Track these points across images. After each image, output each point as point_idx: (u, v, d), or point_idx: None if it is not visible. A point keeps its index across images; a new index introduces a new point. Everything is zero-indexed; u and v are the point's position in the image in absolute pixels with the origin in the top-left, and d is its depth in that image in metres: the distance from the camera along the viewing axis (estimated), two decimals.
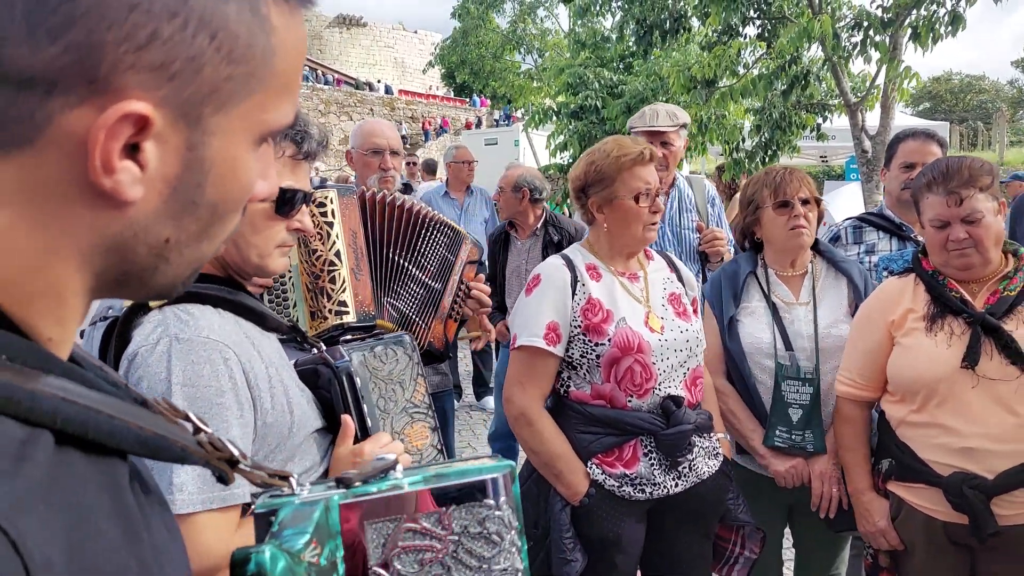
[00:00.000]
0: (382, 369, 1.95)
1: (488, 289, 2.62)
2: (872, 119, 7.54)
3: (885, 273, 2.63)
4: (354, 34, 52.95)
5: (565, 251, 2.37)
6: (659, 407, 2.17)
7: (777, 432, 2.47)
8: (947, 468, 2.06)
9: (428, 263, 2.40)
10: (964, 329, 2.07)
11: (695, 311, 2.40)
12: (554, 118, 11.21)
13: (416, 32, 56.06)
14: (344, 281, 2.09)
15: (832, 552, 2.69)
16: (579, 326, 2.19)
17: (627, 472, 2.15)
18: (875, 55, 6.72)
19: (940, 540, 2.13)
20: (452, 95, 40.91)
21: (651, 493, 2.16)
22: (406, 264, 2.34)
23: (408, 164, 8.65)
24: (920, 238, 2.81)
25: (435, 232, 2.41)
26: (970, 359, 2.02)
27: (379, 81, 44.52)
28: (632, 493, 2.15)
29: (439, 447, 1.95)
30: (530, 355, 2.20)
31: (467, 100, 39.82)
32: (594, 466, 2.16)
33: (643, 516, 2.23)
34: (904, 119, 11.33)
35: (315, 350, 1.68)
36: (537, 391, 2.21)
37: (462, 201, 6.73)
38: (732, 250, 3.35)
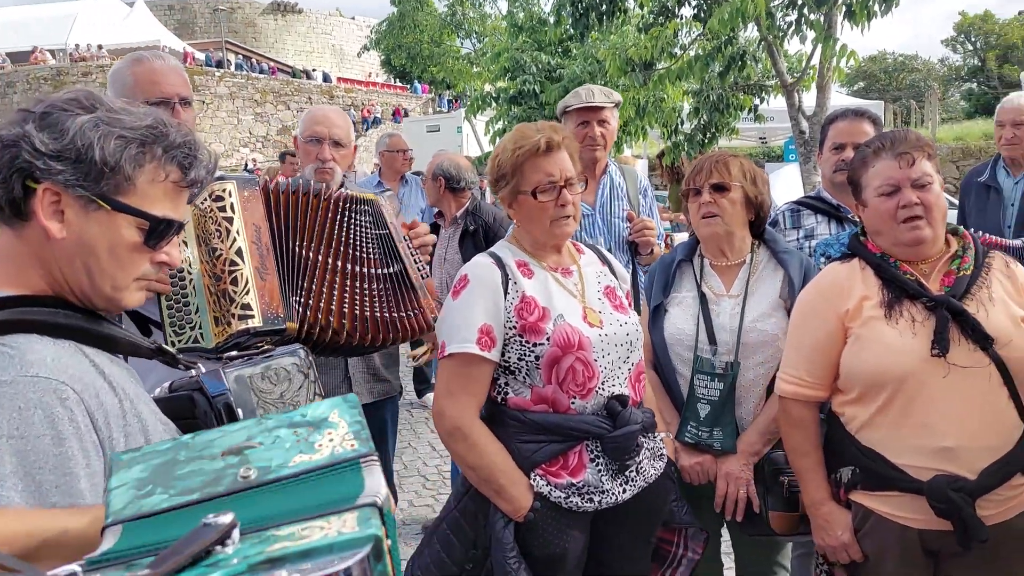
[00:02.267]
0: (272, 392, 1.75)
1: (425, 226, 2.52)
2: (809, 99, 7.53)
3: (823, 260, 2.54)
4: (290, 21, 51.91)
5: (493, 248, 2.24)
6: (604, 408, 2.04)
7: (688, 428, 2.38)
8: (925, 472, 1.90)
9: (371, 253, 2.23)
10: (925, 315, 1.93)
11: (630, 304, 2.30)
12: (493, 104, 11.02)
13: (354, 19, 55.22)
14: (248, 282, 1.92)
15: (771, 551, 2.61)
16: (514, 327, 2.05)
17: (574, 481, 2.01)
18: (810, 34, 6.68)
19: (915, 550, 1.98)
20: (393, 82, 40.32)
21: (599, 502, 2.03)
22: (351, 266, 2.17)
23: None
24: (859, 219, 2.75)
25: (355, 215, 2.22)
26: (940, 346, 1.88)
27: (315, 69, 43.65)
28: (580, 504, 2.02)
29: None
30: (462, 363, 2.04)
31: (408, 87, 39.31)
32: (538, 477, 2.02)
33: (587, 527, 2.11)
34: (840, 99, 11.42)
35: (192, 372, 1.48)
36: (471, 401, 2.06)
37: (397, 192, 6.55)
38: (660, 244, 3.30)
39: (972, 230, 2.19)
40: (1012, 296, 1.98)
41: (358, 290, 2.18)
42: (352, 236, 2.22)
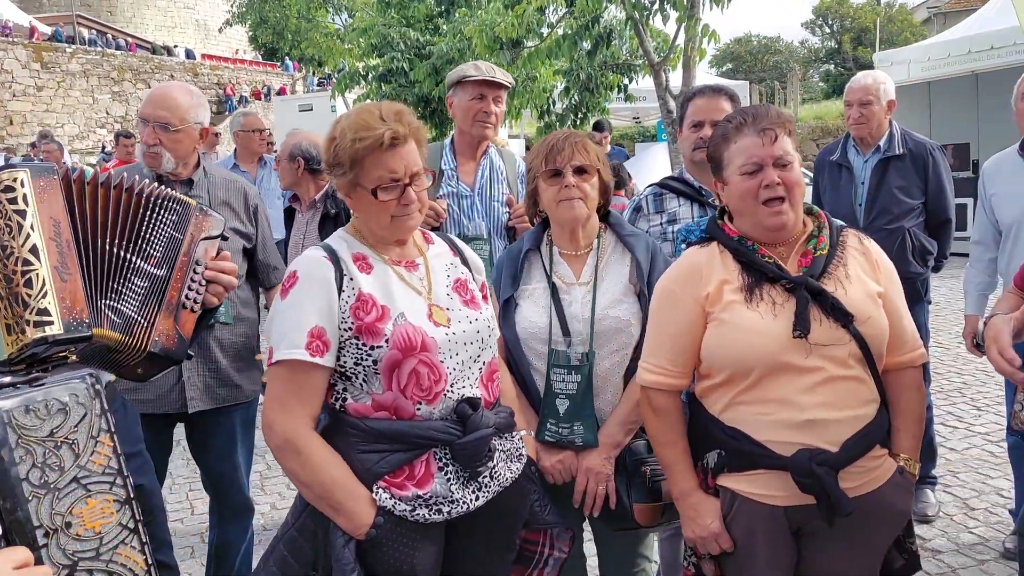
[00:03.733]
0: (39, 428, 1.49)
1: (232, 267, 2.24)
2: (676, 79, 7.58)
3: (683, 245, 2.46)
4: None
5: (328, 240, 2.03)
6: (453, 412, 1.90)
7: (547, 425, 2.28)
8: (788, 447, 1.89)
9: (153, 249, 2.03)
10: (785, 297, 1.92)
11: (485, 297, 2.14)
12: (362, 81, 10.62)
13: None
14: (44, 283, 1.71)
15: (633, 546, 2.54)
16: (350, 328, 1.87)
17: (420, 492, 1.86)
18: (673, 13, 6.69)
19: (781, 528, 1.96)
20: (261, 59, 38.69)
21: (449, 512, 1.89)
22: (129, 255, 1.96)
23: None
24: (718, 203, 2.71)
25: (160, 211, 2.04)
26: (802, 327, 1.87)
27: (176, 46, 41.28)
28: (428, 515, 1.87)
29: (132, 525, 1.49)
30: (292, 370, 1.85)
31: (278, 64, 37.81)
32: (380, 490, 1.85)
33: (439, 537, 1.94)
34: (708, 79, 11.66)
35: None
36: (303, 412, 1.86)
37: (255, 174, 6.20)
38: None
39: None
40: (868, 272, 2.00)
41: (122, 277, 1.95)
42: (149, 229, 2.00)
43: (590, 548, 2.65)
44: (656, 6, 6.58)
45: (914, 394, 2.07)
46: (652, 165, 7.78)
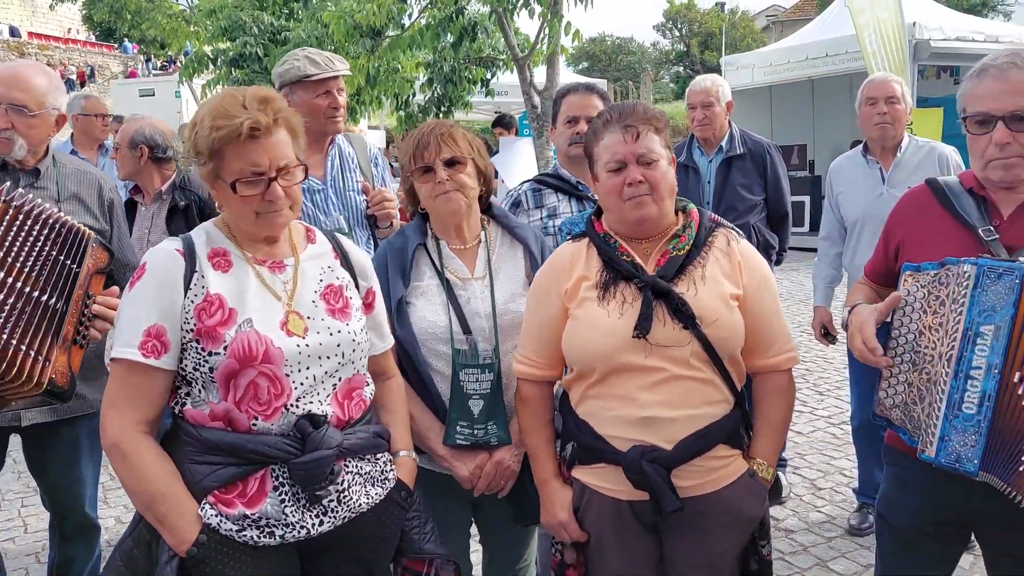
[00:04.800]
0: None
1: (115, 302, 2.17)
2: (540, 75, 7.63)
3: (568, 238, 2.44)
4: None
5: (194, 230, 1.88)
6: (294, 429, 1.77)
7: (458, 428, 2.20)
8: (626, 442, 1.93)
9: (30, 269, 1.93)
10: (636, 295, 1.94)
11: (369, 306, 2.02)
12: (211, 66, 10.06)
13: None
14: None
15: (520, 544, 2.54)
16: (192, 330, 1.74)
17: (248, 512, 1.74)
18: (538, 9, 6.71)
19: (629, 523, 1.98)
20: (96, 39, 36.05)
21: (283, 536, 1.76)
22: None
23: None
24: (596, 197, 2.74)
25: (37, 225, 1.93)
26: (641, 328, 1.89)
27: None
28: (257, 538, 1.74)
29: None
30: (126, 370, 1.74)
31: (116, 45, 35.38)
32: (208, 506, 1.73)
33: (290, 563, 1.82)
34: (568, 76, 11.82)
35: None
36: (134, 416, 1.74)
37: (95, 161, 5.75)
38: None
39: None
40: (727, 274, 2.01)
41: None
42: (17, 241, 1.90)
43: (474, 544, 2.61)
44: (520, 2, 6.58)
45: (778, 399, 2.09)
46: (517, 160, 7.80)
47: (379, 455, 1.93)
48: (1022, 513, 1.81)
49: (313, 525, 1.79)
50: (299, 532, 1.77)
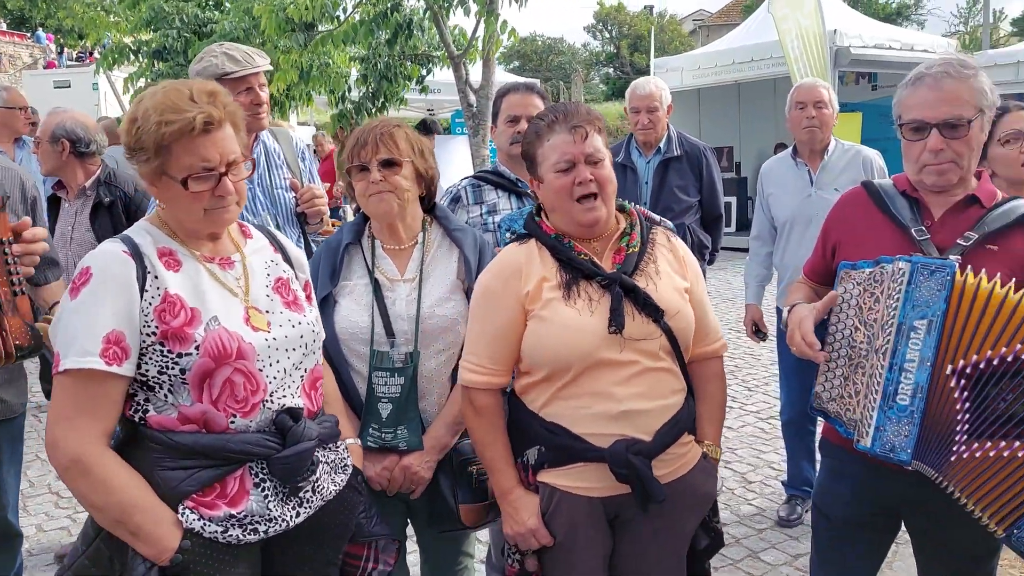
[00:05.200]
0: None
1: (32, 227, 2.14)
2: (476, 73, 7.61)
3: (508, 235, 2.49)
4: None
5: (129, 231, 1.80)
6: (272, 424, 1.77)
7: (370, 430, 2.21)
8: (606, 438, 1.95)
9: None
10: (601, 293, 1.97)
11: (309, 298, 2.00)
12: (132, 57, 9.71)
13: None
14: None
15: (455, 546, 2.53)
16: (153, 333, 1.68)
17: (233, 512, 1.72)
18: (474, 7, 6.69)
19: (600, 521, 2.01)
20: (6, 27, 34.38)
21: (266, 531, 1.75)
22: None
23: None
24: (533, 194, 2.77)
25: None
26: (616, 323, 1.92)
27: None
28: (241, 536, 1.72)
29: None
30: (84, 380, 1.64)
31: (29, 35, 33.83)
32: (188, 511, 1.69)
33: (255, 558, 1.80)
34: (502, 75, 11.84)
35: None
36: (95, 427, 1.65)
37: (13, 155, 5.51)
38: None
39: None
40: (675, 269, 2.09)
41: None
42: None
43: (411, 545, 2.60)
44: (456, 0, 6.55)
45: (717, 383, 2.19)
46: (452, 158, 7.77)
47: (339, 443, 1.95)
48: (949, 501, 1.90)
49: (291, 517, 1.79)
50: (280, 526, 1.77)
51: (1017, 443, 1.79)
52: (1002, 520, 1.83)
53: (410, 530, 2.51)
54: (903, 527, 2.23)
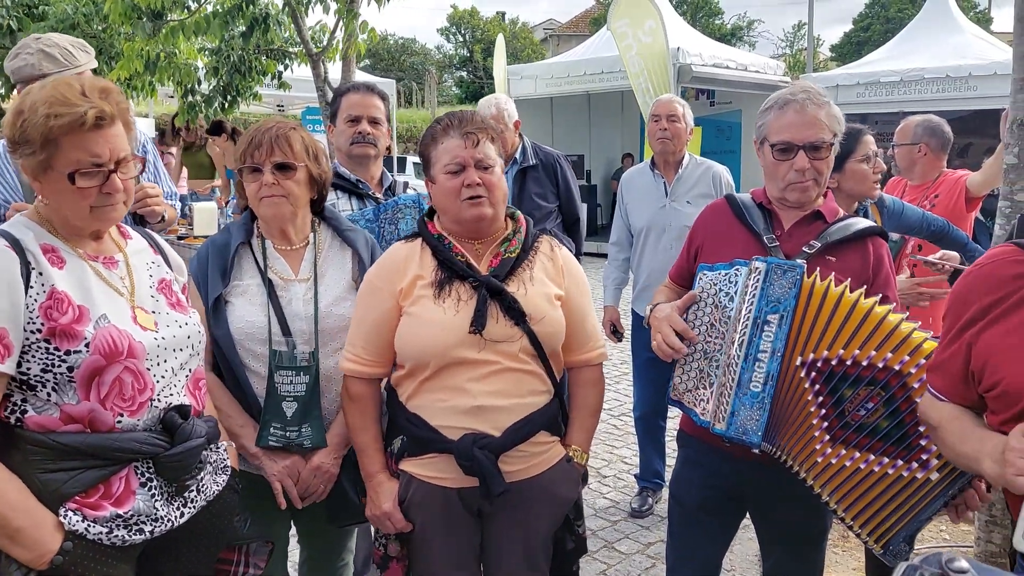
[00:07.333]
0: None
1: None
2: (335, 71, 7.50)
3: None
4: None
5: (6, 226, 1.75)
6: (159, 422, 1.77)
7: (272, 430, 2.21)
8: (457, 431, 2.03)
9: None
10: (471, 294, 2.06)
11: (188, 300, 2.01)
12: None
13: None
14: None
15: (339, 543, 2.57)
16: (39, 330, 1.65)
17: (120, 512, 1.70)
18: (333, 5, 6.61)
19: (456, 510, 2.09)
20: None
21: (151, 531, 1.75)
22: None
23: None
24: (377, 195, 2.92)
25: None
26: (477, 324, 2.01)
27: None
28: (126, 537, 1.71)
29: None
30: None
31: None
32: (70, 513, 1.65)
33: (133, 560, 1.77)
34: (361, 74, 11.70)
35: None
36: None
37: None
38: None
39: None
40: (552, 276, 2.19)
41: None
42: None
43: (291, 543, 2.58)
44: None
45: (591, 390, 2.29)
46: None
47: (219, 444, 1.95)
48: (784, 486, 2.13)
49: (176, 517, 1.79)
50: (165, 526, 1.77)
51: (886, 459, 1.93)
52: (880, 537, 1.98)
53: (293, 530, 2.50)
54: (747, 515, 2.45)
